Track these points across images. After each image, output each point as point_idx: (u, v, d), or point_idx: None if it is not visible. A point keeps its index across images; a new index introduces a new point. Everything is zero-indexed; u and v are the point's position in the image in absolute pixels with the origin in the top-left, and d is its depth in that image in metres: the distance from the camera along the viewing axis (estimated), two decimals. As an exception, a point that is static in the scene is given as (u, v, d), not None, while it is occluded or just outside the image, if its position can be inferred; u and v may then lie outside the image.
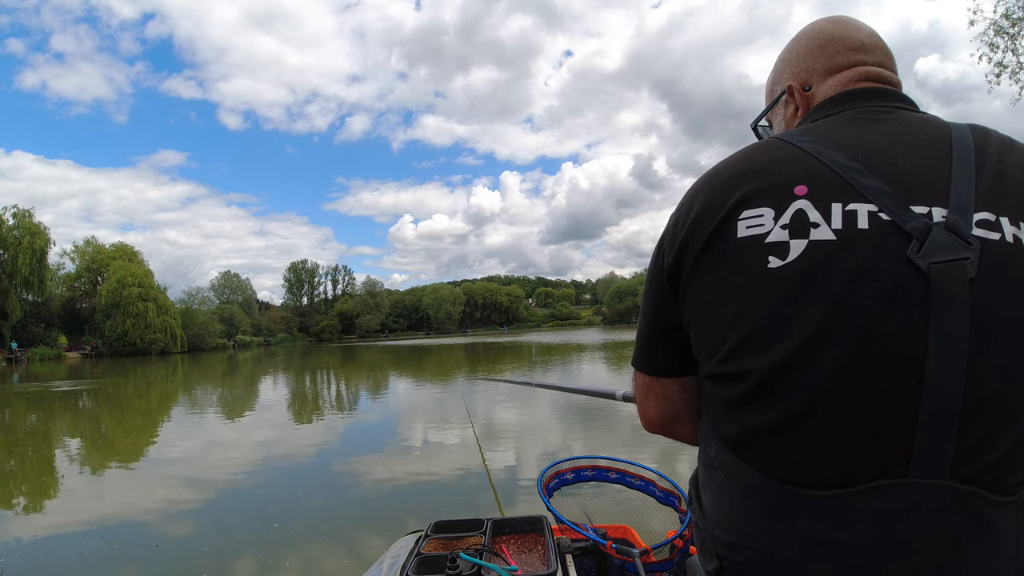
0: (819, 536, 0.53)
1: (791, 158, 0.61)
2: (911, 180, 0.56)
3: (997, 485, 0.51)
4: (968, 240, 0.52)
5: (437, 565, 1.33)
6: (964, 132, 0.61)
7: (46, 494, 5.37)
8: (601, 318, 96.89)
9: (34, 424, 10.18)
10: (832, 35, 0.76)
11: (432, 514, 1.77)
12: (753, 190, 0.60)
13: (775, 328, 0.56)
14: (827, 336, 0.53)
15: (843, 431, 0.52)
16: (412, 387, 14.31)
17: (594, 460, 2.03)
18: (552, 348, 27.14)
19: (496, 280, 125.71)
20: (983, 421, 0.50)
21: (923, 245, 0.52)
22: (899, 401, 0.51)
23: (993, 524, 0.51)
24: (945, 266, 0.51)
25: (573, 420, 7.87)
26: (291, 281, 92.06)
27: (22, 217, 41.36)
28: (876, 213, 0.55)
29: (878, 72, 0.72)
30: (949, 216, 0.54)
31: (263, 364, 28.52)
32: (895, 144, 0.60)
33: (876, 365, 0.52)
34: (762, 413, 0.57)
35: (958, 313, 0.50)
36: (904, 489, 0.51)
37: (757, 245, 0.58)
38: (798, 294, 0.55)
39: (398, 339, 72.97)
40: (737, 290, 0.59)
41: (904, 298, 0.52)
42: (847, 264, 0.54)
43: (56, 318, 46.38)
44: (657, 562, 1.63)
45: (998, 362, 0.51)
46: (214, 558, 3.50)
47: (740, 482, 0.59)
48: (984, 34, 12.72)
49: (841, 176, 0.57)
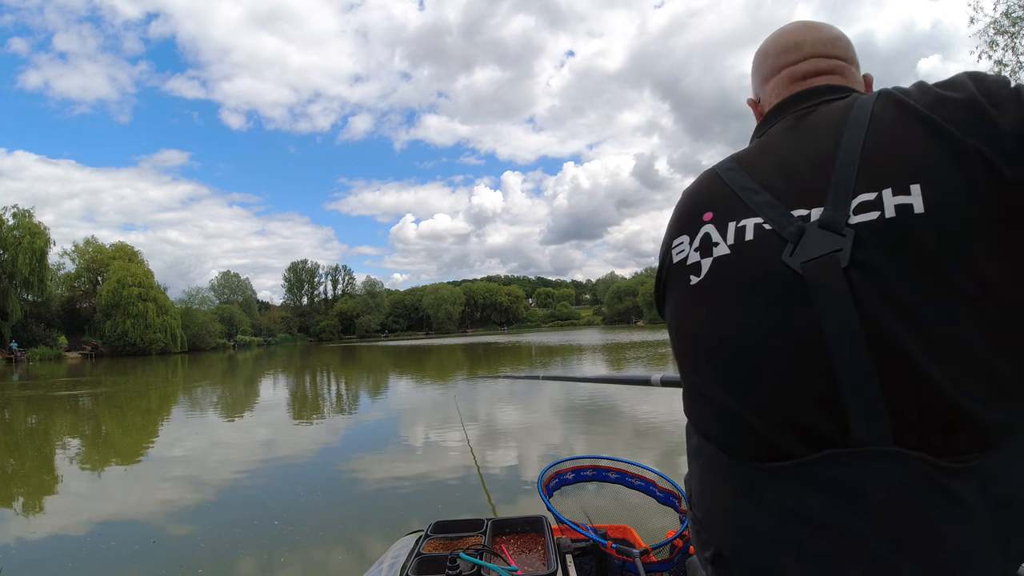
0: (787, 507, 0.57)
1: (707, 188, 0.73)
2: (796, 187, 0.63)
3: (944, 451, 0.52)
4: (842, 232, 0.57)
5: (437, 565, 1.33)
6: (865, 109, 0.63)
7: (45, 493, 5.37)
8: (601, 318, 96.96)
9: (34, 424, 10.19)
10: (769, 43, 0.84)
11: (432, 514, 1.77)
12: (678, 223, 0.75)
13: (700, 331, 0.68)
14: (741, 334, 0.62)
15: (780, 412, 0.59)
16: (412, 387, 14.31)
17: (595, 460, 2.03)
18: (552, 349, 27.14)
19: (496, 280, 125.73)
20: (905, 389, 0.53)
21: (796, 247, 0.59)
22: (820, 383, 0.56)
23: (951, 492, 0.52)
24: (815, 263, 0.57)
25: (574, 420, 7.87)
26: (291, 281, 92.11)
27: (22, 217, 41.37)
28: (761, 225, 0.63)
29: (805, 69, 0.77)
30: (824, 213, 0.59)
31: (263, 364, 28.51)
32: (796, 152, 0.66)
33: (786, 355, 0.58)
34: (711, 402, 0.67)
35: (839, 301, 0.55)
36: (853, 458, 0.54)
37: (682, 268, 0.71)
38: (712, 302, 0.66)
39: (398, 339, 72.91)
40: (676, 303, 0.73)
41: (790, 295, 0.58)
42: (740, 273, 0.63)
43: (56, 318, 46.38)
44: (657, 562, 1.63)
45: (897, 333, 0.53)
46: (211, 555, 3.50)
47: (714, 465, 0.67)
48: (984, 32, 12.73)
49: (740, 197, 0.67)
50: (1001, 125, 0.53)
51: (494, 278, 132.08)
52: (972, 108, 0.55)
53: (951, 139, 0.55)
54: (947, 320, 0.53)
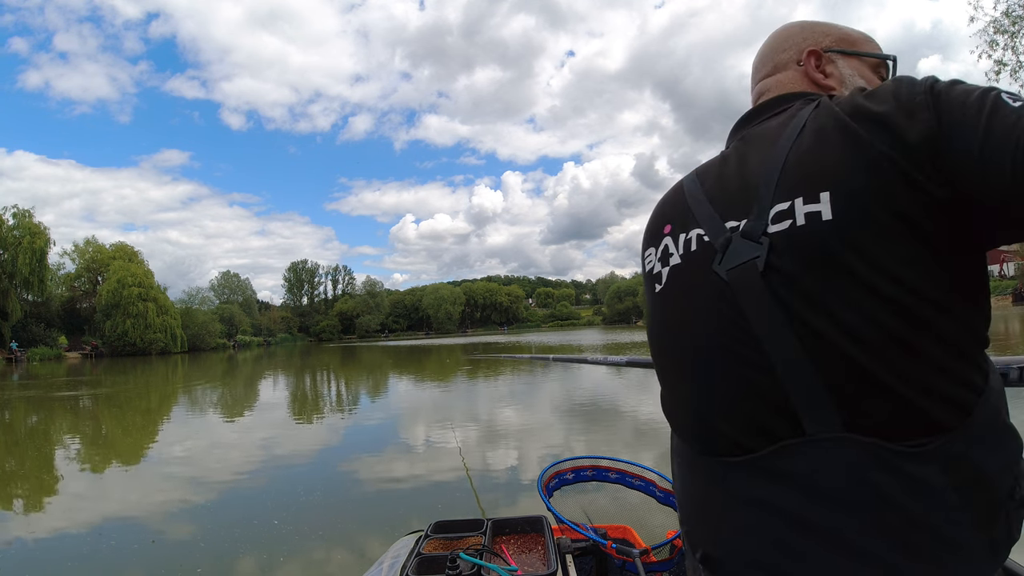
0: (752, 498, 0.61)
1: (671, 201, 0.79)
2: (730, 199, 0.68)
3: (896, 436, 0.54)
4: (759, 240, 0.61)
5: (437, 565, 1.33)
6: (800, 121, 0.65)
7: (45, 493, 5.37)
8: (601, 318, 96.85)
9: (34, 424, 10.18)
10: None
11: (432, 514, 1.77)
12: (648, 235, 0.81)
13: (663, 335, 0.76)
14: (691, 336, 0.68)
15: (735, 409, 0.63)
16: (412, 387, 14.30)
17: (595, 460, 2.03)
18: (552, 349, 27.12)
19: (496, 280, 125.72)
20: (841, 377, 0.56)
21: (723, 256, 0.65)
22: (765, 380, 0.60)
23: (910, 473, 0.53)
24: (737, 269, 0.63)
25: (574, 420, 7.87)
26: (291, 281, 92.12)
27: (22, 217, 41.38)
28: (702, 236, 0.69)
29: (756, 92, 0.83)
30: (745, 224, 0.64)
31: (263, 364, 28.51)
32: (735, 167, 0.71)
33: (732, 356, 0.63)
34: (678, 401, 0.73)
35: (761, 301, 0.60)
36: (807, 446, 0.57)
37: (650, 276, 0.78)
38: (670, 309, 0.73)
39: (398, 339, 72.90)
40: (648, 310, 0.81)
41: (723, 299, 0.64)
42: (686, 281, 0.70)
43: (56, 318, 46.39)
44: (657, 562, 1.63)
45: (823, 329, 0.56)
46: (211, 555, 3.49)
47: (686, 461, 0.72)
48: (984, 31, 12.74)
49: (691, 210, 0.72)
50: (909, 131, 0.55)
51: (494, 278, 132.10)
52: (886, 115, 0.56)
53: (864, 146, 0.56)
54: (868, 319, 0.55)
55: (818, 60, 0.78)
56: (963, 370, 0.56)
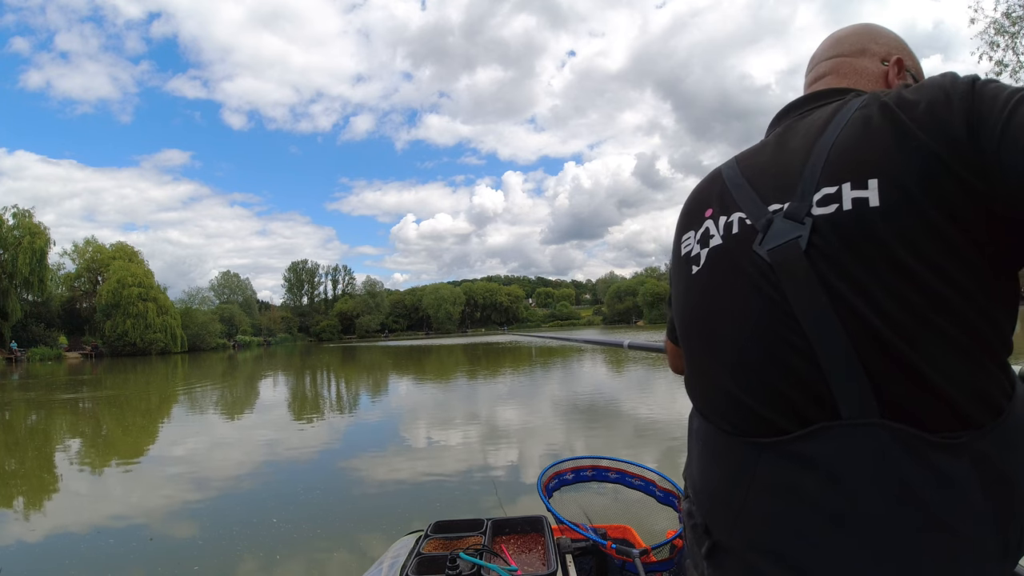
0: (778, 483, 0.60)
1: (710, 187, 0.80)
2: (773, 183, 0.69)
3: (929, 424, 0.54)
4: (802, 221, 0.62)
5: (437, 565, 1.33)
6: (849, 110, 0.66)
7: (44, 492, 5.37)
8: (601, 318, 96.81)
9: (34, 424, 10.18)
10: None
11: (432, 514, 1.77)
12: (687, 218, 0.82)
13: (697, 316, 0.75)
14: (731, 317, 0.68)
15: (769, 389, 0.62)
16: (412, 387, 14.31)
17: (594, 460, 2.03)
18: (552, 349, 27.13)
19: (496, 280, 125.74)
20: (880, 364, 0.56)
21: (764, 236, 0.65)
22: (802, 360, 0.59)
23: (938, 465, 0.53)
24: (779, 248, 0.63)
25: (574, 420, 7.87)
26: (291, 281, 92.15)
27: (22, 217, 41.36)
28: (744, 219, 0.69)
29: (809, 79, 0.86)
30: (789, 205, 0.64)
31: (263, 364, 28.51)
32: (780, 152, 0.72)
33: (770, 335, 0.62)
34: (709, 382, 0.72)
35: (805, 281, 0.60)
36: (840, 430, 0.56)
37: (686, 259, 0.78)
38: (708, 289, 0.73)
39: (398, 339, 72.87)
40: (680, 289, 0.80)
41: (765, 279, 0.64)
42: (728, 262, 0.70)
43: (56, 318, 46.38)
44: (657, 562, 1.63)
45: (863, 312, 0.56)
46: (209, 552, 3.50)
47: (711, 444, 0.70)
48: (984, 32, 12.74)
49: (732, 194, 0.73)
50: (953, 125, 0.56)
51: (494, 278, 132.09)
52: (931, 108, 0.58)
53: (911, 137, 0.57)
54: (909, 306, 0.55)
55: (900, 71, 0.81)
56: (995, 371, 0.56)
